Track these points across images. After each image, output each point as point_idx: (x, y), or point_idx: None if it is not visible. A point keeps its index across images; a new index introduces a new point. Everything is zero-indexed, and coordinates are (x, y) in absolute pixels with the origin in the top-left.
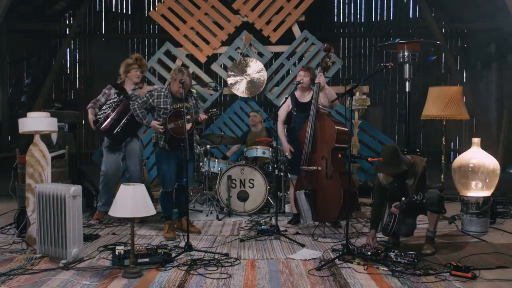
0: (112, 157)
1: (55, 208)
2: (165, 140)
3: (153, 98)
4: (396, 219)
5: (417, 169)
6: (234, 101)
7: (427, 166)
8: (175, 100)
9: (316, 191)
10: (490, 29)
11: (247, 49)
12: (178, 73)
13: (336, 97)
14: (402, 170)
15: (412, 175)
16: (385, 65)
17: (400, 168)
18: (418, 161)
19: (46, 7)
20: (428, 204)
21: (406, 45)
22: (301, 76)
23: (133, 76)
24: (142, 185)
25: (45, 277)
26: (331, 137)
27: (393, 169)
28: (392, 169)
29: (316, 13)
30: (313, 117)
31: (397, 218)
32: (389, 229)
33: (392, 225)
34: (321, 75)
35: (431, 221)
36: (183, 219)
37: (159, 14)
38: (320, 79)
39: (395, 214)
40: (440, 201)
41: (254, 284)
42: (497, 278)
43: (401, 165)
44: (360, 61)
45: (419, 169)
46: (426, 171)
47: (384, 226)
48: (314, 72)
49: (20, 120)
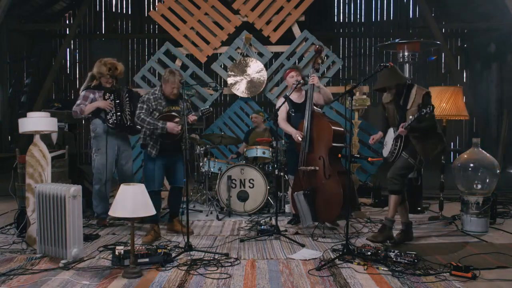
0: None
1: (55, 208)
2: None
3: (150, 102)
4: (401, 143)
5: (416, 96)
6: (234, 101)
7: (429, 97)
8: (168, 102)
9: (315, 192)
10: (490, 29)
11: (247, 49)
12: (170, 75)
13: (330, 94)
14: (397, 81)
15: (411, 99)
16: (385, 65)
17: (395, 79)
18: (419, 90)
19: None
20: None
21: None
22: (293, 77)
23: (105, 82)
24: (142, 185)
25: (45, 277)
26: (328, 137)
27: (389, 79)
28: (388, 80)
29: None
30: (309, 117)
31: (402, 142)
32: (394, 154)
33: (398, 150)
34: (314, 76)
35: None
36: (174, 220)
37: (159, 14)
38: (313, 80)
39: (401, 138)
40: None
41: (254, 284)
42: (497, 278)
43: (396, 78)
44: (360, 61)
45: (418, 96)
46: (428, 101)
47: (390, 152)
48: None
49: (20, 120)
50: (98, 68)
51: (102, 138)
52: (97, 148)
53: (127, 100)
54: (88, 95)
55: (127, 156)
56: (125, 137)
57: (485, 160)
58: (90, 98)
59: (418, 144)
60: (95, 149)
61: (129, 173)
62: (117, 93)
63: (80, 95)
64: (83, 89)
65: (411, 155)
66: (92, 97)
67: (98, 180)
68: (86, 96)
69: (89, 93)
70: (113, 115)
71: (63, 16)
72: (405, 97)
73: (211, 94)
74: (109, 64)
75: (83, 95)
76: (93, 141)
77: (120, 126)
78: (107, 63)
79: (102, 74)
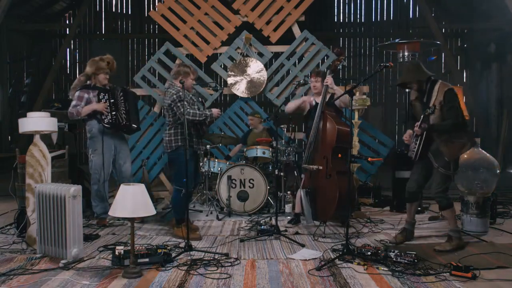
0: (106, 163)
1: (55, 208)
2: (193, 138)
3: (186, 97)
4: (421, 141)
5: (439, 92)
6: (234, 101)
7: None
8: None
9: (316, 190)
10: (490, 29)
11: (247, 49)
12: (187, 68)
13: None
14: (416, 77)
15: (434, 96)
16: (385, 65)
17: (416, 74)
18: (442, 86)
19: (46, 7)
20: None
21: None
22: (311, 82)
23: (102, 79)
24: (142, 185)
25: (45, 277)
26: (331, 137)
27: (409, 75)
28: (407, 76)
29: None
30: (318, 117)
31: (422, 140)
32: (415, 152)
33: (418, 148)
34: (329, 77)
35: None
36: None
37: (159, 14)
38: (327, 81)
39: (421, 137)
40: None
41: (254, 284)
42: (497, 278)
43: (417, 74)
44: (360, 61)
45: (440, 93)
46: (451, 98)
47: (411, 151)
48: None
49: (20, 120)
50: (96, 65)
51: (98, 138)
52: (93, 148)
53: (122, 99)
54: (82, 95)
55: (125, 155)
56: (122, 136)
57: (485, 160)
58: (85, 98)
59: (443, 145)
60: (92, 149)
61: (128, 173)
62: (111, 92)
63: (75, 95)
64: (77, 89)
65: (442, 165)
66: (87, 97)
67: (95, 181)
68: (81, 96)
69: (84, 93)
70: (108, 114)
71: (63, 16)
72: (428, 94)
73: (211, 94)
74: (107, 59)
75: (77, 95)
76: (90, 142)
77: (115, 126)
78: (104, 59)
79: (102, 69)
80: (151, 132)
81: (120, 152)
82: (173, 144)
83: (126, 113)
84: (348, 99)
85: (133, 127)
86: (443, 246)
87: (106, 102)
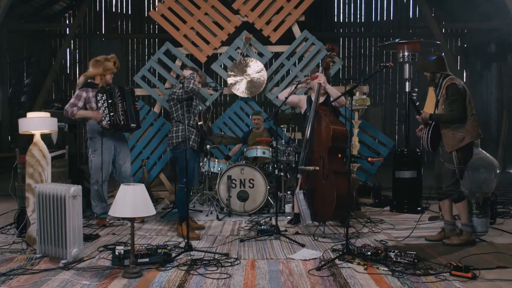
0: (106, 164)
1: (55, 208)
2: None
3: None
4: (429, 131)
5: (443, 87)
6: (234, 101)
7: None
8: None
9: (314, 191)
10: (490, 29)
11: (247, 49)
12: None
13: (339, 94)
14: (423, 69)
15: (441, 90)
16: (385, 65)
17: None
18: (447, 81)
19: (46, 7)
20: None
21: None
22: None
23: (109, 79)
24: (142, 185)
25: (45, 277)
26: (326, 137)
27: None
28: (421, 65)
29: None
30: (312, 117)
31: (430, 130)
32: (425, 142)
33: (427, 138)
34: (322, 76)
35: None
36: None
37: (159, 14)
38: (320, 80)
39: (428, 128)
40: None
41: (254, 284)
42: (497, 278)
43: (428, 65)
44: (360, 61)
45: (444, 88)
46: (452, 92)
47: (423, 142)
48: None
49: (20, 120)
50: (103, 65)
51: (98, 138)
52: (93, 149)
53: (119, 99)
54: (81, 93)
55: (125, 156)
56: (122, 136)
57: (485, 160)
58: (83, 97)
59: (444, 136)
60: (92, 150)
61: (128, 173)
62: (109, 92)
63: (74, 93)
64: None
65: (445, 159)
66: (85, 96)
67: (95, 181)
68: (79, 95)
69: (82, 92)
70: (106, 115)
71: (63, 16)
72: (439, 87)
73: (211, 94)
74: (112, 59)
75: (76, 94)
76: (90, 142)
77: (114, 126)
78: (110, 59)
79: (110, 69)
80: (151, 132)
81: (120, 152)
82: (174, 140)
83: (124, 113)
84: (343, 99)
85: (132, 127)
86: (451, 240)
87: (103, 104)
